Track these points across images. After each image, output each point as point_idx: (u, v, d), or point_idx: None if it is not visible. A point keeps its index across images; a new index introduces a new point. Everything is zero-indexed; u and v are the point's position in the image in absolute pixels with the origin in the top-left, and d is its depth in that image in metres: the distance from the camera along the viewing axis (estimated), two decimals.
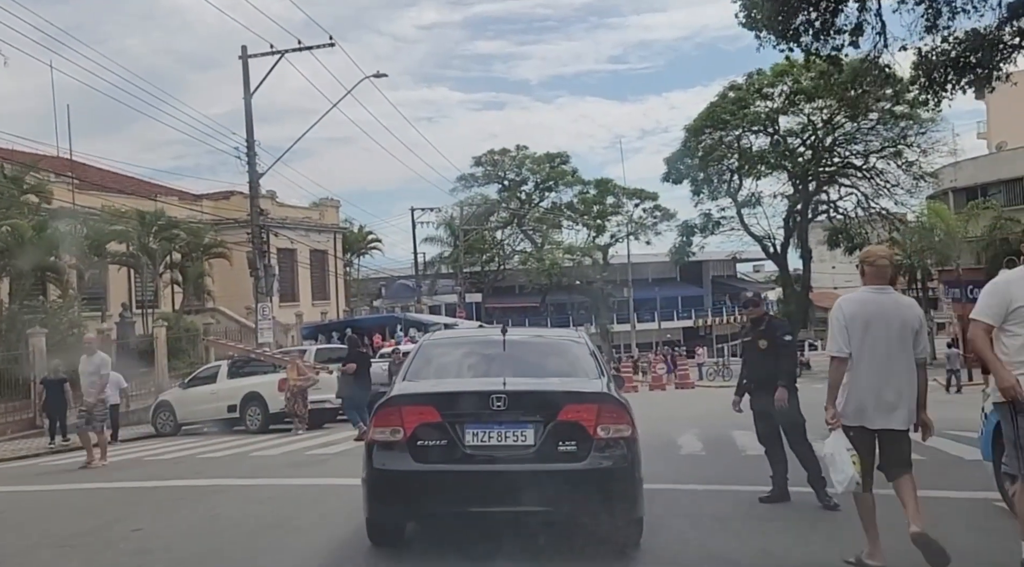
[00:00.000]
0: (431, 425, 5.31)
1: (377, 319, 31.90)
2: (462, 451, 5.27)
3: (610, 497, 5.34)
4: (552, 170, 52.33)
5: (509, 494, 5.19)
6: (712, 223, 47.35)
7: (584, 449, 5.24)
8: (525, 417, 5.28)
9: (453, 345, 7.16)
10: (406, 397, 5.67)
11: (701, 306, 70.48)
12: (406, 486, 5.41)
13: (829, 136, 45.03)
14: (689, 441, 12.97)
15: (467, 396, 5.48)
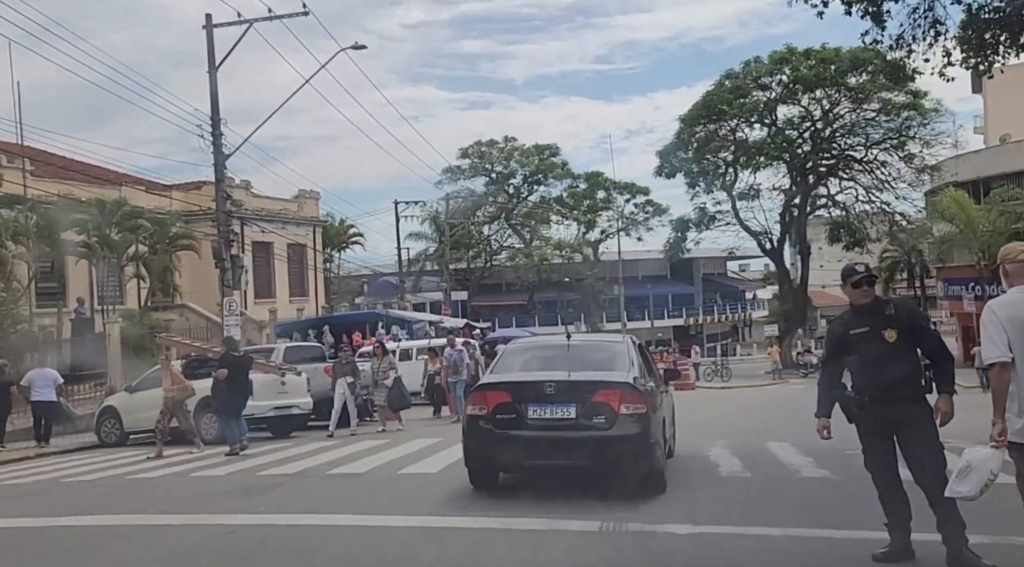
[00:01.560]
0: (505, 404, 7.64)
1: (357, 316, 29.58)
2: (525, 421, 7.55)
3: (630, 455, 7.48)
4: (541, 162, 50.02)
5: (558, 451, 7.55)
6: (707, 218, 45.21)
7: (610, 421, 7.41)
8: (568, 399, 7.51)
9: (529, 348, 9.48)
10: (489, 384, 8.12)
11: (692, 305, 68.41)
12: (489, 445, 7.77)
13: (828, 127, 42.99)
14: (723, 457, 10.74)
15: (529, 384, 7.79)
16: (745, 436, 13.37)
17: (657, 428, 7.88)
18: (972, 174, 46.20)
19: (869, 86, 40.71)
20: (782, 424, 15.98)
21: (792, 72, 41.38)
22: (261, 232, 33.43)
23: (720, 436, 13.23)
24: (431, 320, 32.40)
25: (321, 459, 11.48)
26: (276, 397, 15.51)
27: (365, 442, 13.66)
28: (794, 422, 16.82)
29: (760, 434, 13.77)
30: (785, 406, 22.33)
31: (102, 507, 8.18)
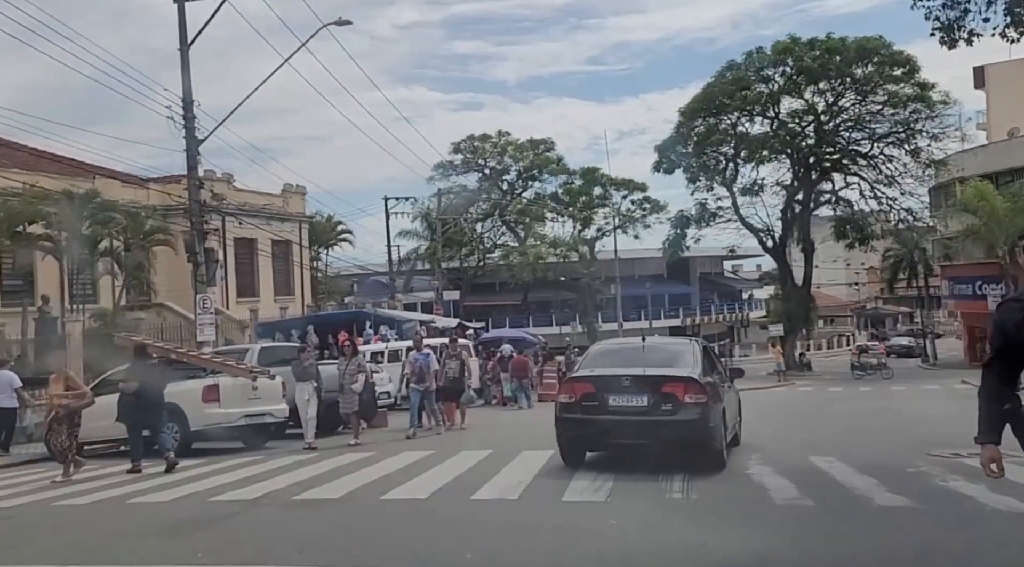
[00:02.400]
0: (590, 393, 9.39)
1: (344, 315, 27.79)
2: (606, 408, 9.24)
3: (693, 437, 9.03)
4: (536, 157, 48.21)
5: (633, 433, 9.16)
6: (708, 214, 43.54)
7: (676, 409, 8.99)
8: (641, 390, 9.16)
9: (611, 348, 11.24)
10: (577, 378, 9.96)
11: (689, 304, 66.80)
12: (576, 428, 9.52)
13: (833, 120, 41.39)
14: (767, 476, 9.02)
15: (609, 378, 9.45)
16: (780, 448, 11.65)
17: (717, 416, 9.27)
18: (979, 169, 44.67)
19: (875, 76, 39.13)
20: (813, 432, 14.32)
21: (795, 63, 39.78)
22: (239, 226, 31.55)
23: (751, 448, 11.49)
24: (422, 319, 30.60)
25: (290, 478, 9.69)
26: (247, 404, 13.68)
27: (345, 456, 11.88)
28: (823, 429, 15.14)
29: (796, 446, 12.06)
30: (803, 410, 20.67)
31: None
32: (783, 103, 41.11)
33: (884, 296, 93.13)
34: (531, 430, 15.66)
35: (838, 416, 17.16)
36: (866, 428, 14.95)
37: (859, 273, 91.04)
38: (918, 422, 16.04)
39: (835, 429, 14.71)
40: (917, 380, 33.78)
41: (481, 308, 53.99)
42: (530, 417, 19.65)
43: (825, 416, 17.15)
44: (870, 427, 15.08)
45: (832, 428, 14.83)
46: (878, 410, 18.79)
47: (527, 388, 24.24)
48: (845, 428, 14.93)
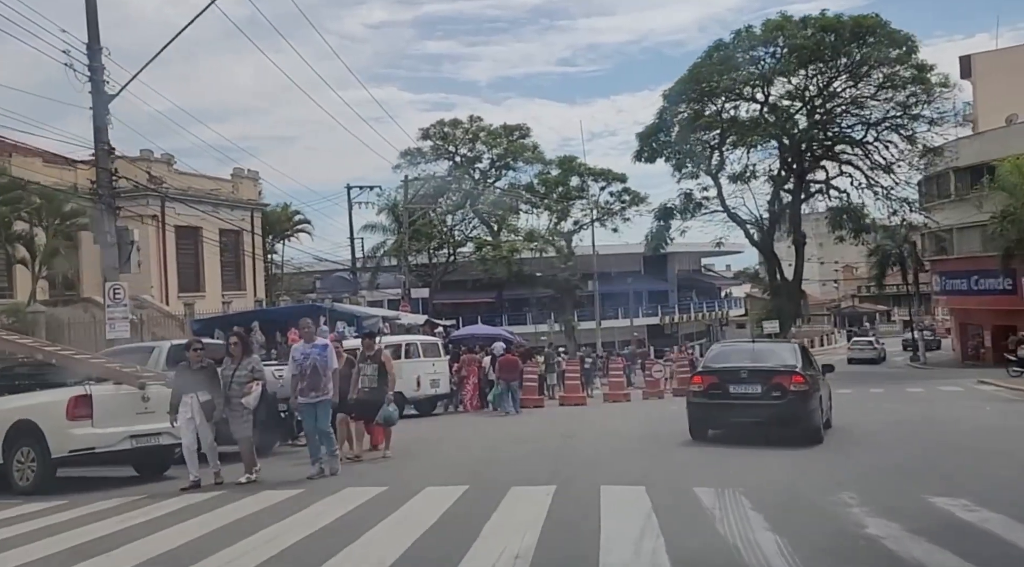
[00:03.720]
0: (714, 383, 11.59)
1: (295, 310, 24.10)
2: (728, 394, 11.38)
3: (797, 417, 11.07)
4: (510, 144, 44.67)
5: (749, 413, 11.30)
6: (693, 205, 40.42)
7: (784, 395, 11.05)
8: (755, 380, 11.25)
9: (729, 348, 13.91)
10: (703, 370, 12.26)
11: (667, 302, 63.73)
12: (704, 410, 11.71)
13: (826, 104, 38.45)
14: (881, 526, 5.66)
15: (730, 370, 11.67)
16: (875, 480, 8.30)
17: (815, 401, 11.40)
18: (975, 158, 42.04)
19: (871, 57, 36.21)
20: (895, 451, 10.91)
21: (787, 41, 36.77)
22: (177, 214, 27.76)
23: (834, 479, 8.15)
24: (386, 316, 26.94)
25: (147, 547, 6.11)
26: (133, 421, 10.03)
27: (243, 502, 8.28)
28: (906, 446, 11.24)
29: (894, 475, 8.69)
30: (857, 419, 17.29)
31: None
32: (775, 85, 38.08)
33: (861, 295, 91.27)
34: (518, 450, 12.15)
35: (910, 427, 13.79)
36: (957, 444, 11.64)
37: (837, 271, 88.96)
38: (995, 434, 12.81)
39: (922, 447, 11.39)
40: (922, 380, 30.74)
41: (452, 306, 50.33)
42: (517, 427, 16.18)
43: (896, 428, 13.82)
44: (959, 443, 11.75)
45: (916, 446, 11.51)
46: (935, 417, 15.53)
47: (515, 391, 20.83)
48: (937, 445, 11.60)
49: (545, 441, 13.02)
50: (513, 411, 20.40)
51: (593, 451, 11.55)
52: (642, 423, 16.17)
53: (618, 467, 9.74)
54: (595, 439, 13.33)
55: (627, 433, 14.00)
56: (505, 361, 21.02)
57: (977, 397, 21.09)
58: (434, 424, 18.30)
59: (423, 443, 13.47)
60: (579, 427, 15.54)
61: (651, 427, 14.94)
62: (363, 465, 10.73)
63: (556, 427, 15.67)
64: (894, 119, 37.87)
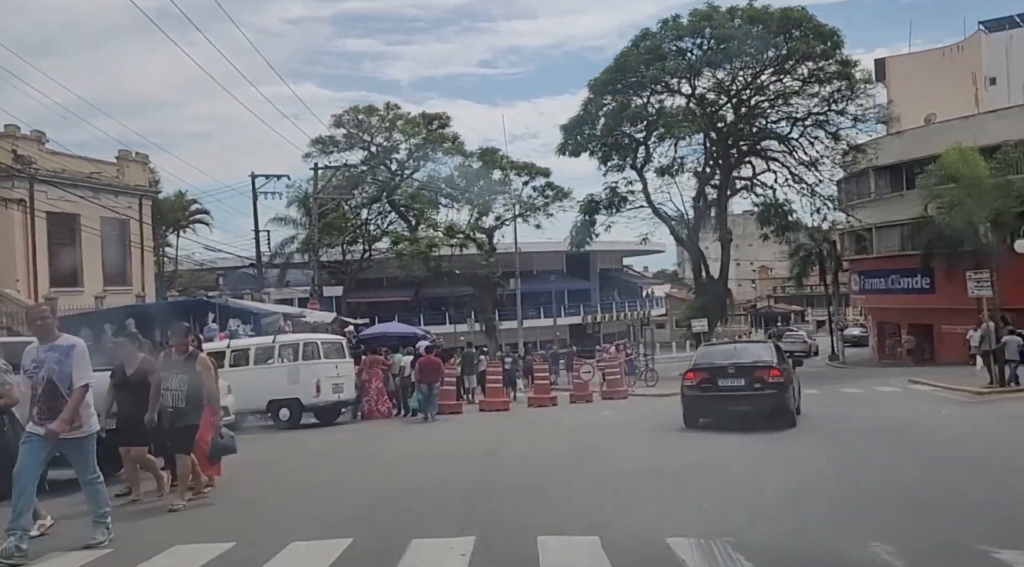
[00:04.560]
0: (705, 378, 13.28)
1: (178, 306, 21.13)
2: (717, 387, 13.04)
3: (776, 405, 12.80)
4: (430, 134, 41.94)
5: (735, 404, 12.87)
6: (619, 199, 38.69)
7: (765, 386, 12.78)
8: (740, 374, 12.98)
9: (715, 349, 15.43)
10: (695, 368, 13.65)
11: (589, 301, 62.24)
12: (697, 401, 13.34)
13: (754, 97, 37.32)
14: None
15: (718, 367, 13.31)
16: (897, 518, 6.21)
17: (790, 391, 13.33)
18: (894, 158, 41.78)
19: (798, 51, 35.17)
20: (894, 473, 8.90)
21: (715, 31, 35.41)
22: (49, 198, 24.29)
23: (846, 516, 6.04)
24: (287, 313, 24.14)
25: None
26: None
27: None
28: (907, 468, 8.99)
29: (914, 510, 6.63)
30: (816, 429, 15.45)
31: None
32: (702, 77, 36.69)
33: (777, 295, 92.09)
34: (428, 475, 9.71)
35: (889, 437, 11.86)
36: (956, 458, 9.74)
37: (755, 271, 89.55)
38: (983, 444, 11.08)
39: (921, 464, 9.36)
40: (851, 380, 29.65)
41: (368, 305, 47.46)
42: (430, 440, 13.77)
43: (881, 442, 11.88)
44: (957, 457, 9.85)
45: (914, 463, 9.50)
46: (905, 423, 13.80)
47: (435, 395, 18.51)
48: (934, 461, 9.60)
49: (462, 461, 10.64)
50: (431, 417, 18.08)
51: (523, 476, 9.16)
52: (577, 433, 13.98)
53: (559, 503, 7.42)
54: (524, 457, 10.99)
55: (562, 448, 11.76)
56: (425, 362, 18.68)
57: (922, 398, 19.77)
58: (330, 437, 15.71)
59: (302, 466, 10.90)
60: (504, 440, 13.25)
61: (589, 438, 12.77)
62: (198, 509, 7.69)
63: (476, 440, 13.35)
64: (819, 115, 37.01)
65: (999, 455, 9.92)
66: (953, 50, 53.17)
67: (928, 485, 7.79)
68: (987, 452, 10.16)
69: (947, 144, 40.53)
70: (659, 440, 12.56)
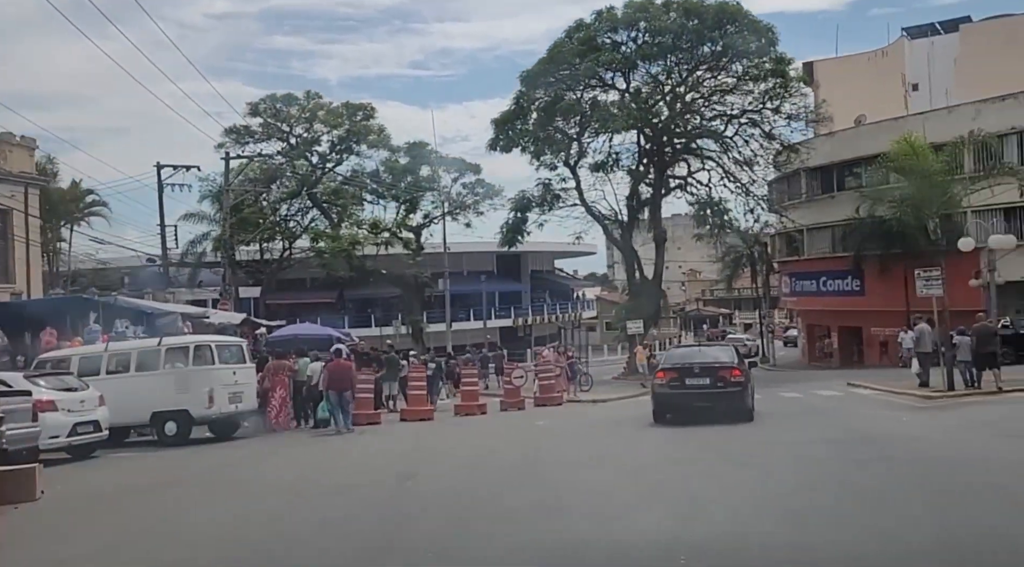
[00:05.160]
0: (673, 377, 14.22)
1: (56, 303, 18.38)
2: (685, 385, 13.99)
3: (736, 402, 13.77)
4: (354, 125, 39.40)
5: (701, 401, 13.77)
6: (552, 196, 37.00)
7: (727, 384, 13.81)
8: (705, 374, 13.98)
9: (681, 352, 17.44)
10: (664, 368, 14.85)
11: (520, 303, 60.48)
12: (666, 398, 14.22)
13: (689, 93, 36.15)
14: None
15: (686, 367, 14.31)
16: None
17: (749, 389, 14.28)
18: (825, 159, 41.29)
19: (733, 47, 34.12)
20: (903, 510, 7.10)
21: (650, 24, 34.09)
22: None
23: None
24: (188, 313, 21.49)
25: None
26: None
27: None
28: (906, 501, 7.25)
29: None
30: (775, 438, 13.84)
31: None
32: (637, 71, 35.35)
33: (706, 299, 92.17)
34: (322, 510, 7.53)
35: (859, 452, 10.24)
36: (958, 483, 8.06)
37: (685, 273, 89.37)
38: (966, 456, 9.55)
39: (922, 495, 7.56)
40: (787, 383, 28.53)
41: (289, 307, 44.63)
42: (334, 460, 11.60)
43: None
44: (961, 482, 8.19)
45: (915, 495, 7.70)
46: (867, 434, 12.29)
47: (347, 403, 16.32)
48: (932, 487, 7.85)
49: (370, 489, 8.54)
50: (345, 428, 15.88)
51: (449, 512, 7.10)
52: (511, 447, 12.02)
53: (498, 553, 5.42)
54: (449, 484, 8.87)
55: (495, 469, 9.76)
56: (335, 367, 16.44)
57: (869, 403, 18.52)
58: (219, 456, 13.33)
59: (166, 500, 8.59)
60: (423, 459, 11.18)
61: (524, 451, 10.83)
62: None
63: (391, 458, 11.24)
64: (753, 113, 36.07)
65: (987, 471, 8.38)
66: (878, 55, 53.46)
67: (959, 528, 6.02)
68: (991, 471, 8.58)
69: (877, 146, 40.78)
70: (604, 457, 10.71)
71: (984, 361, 18.29)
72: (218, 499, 8.78)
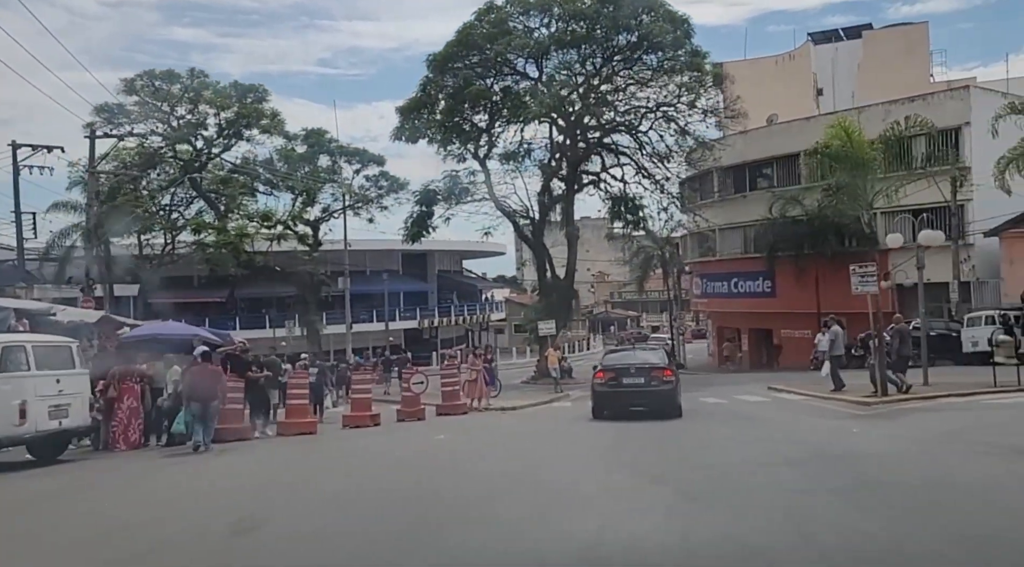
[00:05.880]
0: (611, 377, 15.48)
1: None
2: (622, 385, 15.25)
3: (668, 400, 15.08)
4: (244, 108, 35.71)
5: (636, 400, 15.13)
6: (460, 189, 34.49)
7: (662, 384, 15.21)
8: (640, 374, 15.33)
9: (618, 353, 18.23)
10: (603, 368, 16.02)
11: (426, 304, 57.65)
12: (605, 397, 15.48)
13: (604, 84, 34.31)
14: None
15: (622, 367, 15.63)
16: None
17: (679, 388, 15.64)
18: (737, 158, 40.32)
19: (653, 30, 32.45)
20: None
21: (564, 8, 32.05)
22: None
23: None
24: (24, 309, 17.85)
25: None
26: None
27: None
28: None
29: None
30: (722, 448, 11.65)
31: None
32: (550, 58, 33.23)
33: (614, 301, 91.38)
34: None
35: (823, 475, 8.21)
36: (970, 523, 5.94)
37: (594, 275, 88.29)
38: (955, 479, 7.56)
39: (930, 538, 5.41)
40: (701, 387, 26.77)
41: (174, 307, 40.44)
42: (186, 486, 8.73)
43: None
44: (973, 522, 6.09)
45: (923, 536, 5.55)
46: (820, 450, 10.31)
47: (211, 416, 13.35)
48: (939, 532, 5.68)
49: (184, 551, 5.78)
50: (204, 446, 12.93)
51: None
52: (401, 472, 9.38)
53: None
54: (303, 534, 6.17)
55: (372, 507, 7.09)
56: (198, 373, 13.49)
57: (802, 410, 16.80)
58: (19, 488, 10.18)
59: None
60: (282, 493, 8.42)
61: (417, 478, 8.25)
62: None
63: (237, 498, 8.43)
64: (668, 107, 34.54)
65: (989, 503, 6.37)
66: (786, 59, 53.35)
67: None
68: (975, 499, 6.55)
69: (789, 145, 40.18)
70: (520, 481, 8.23)
71: (904, 363, 17.60)
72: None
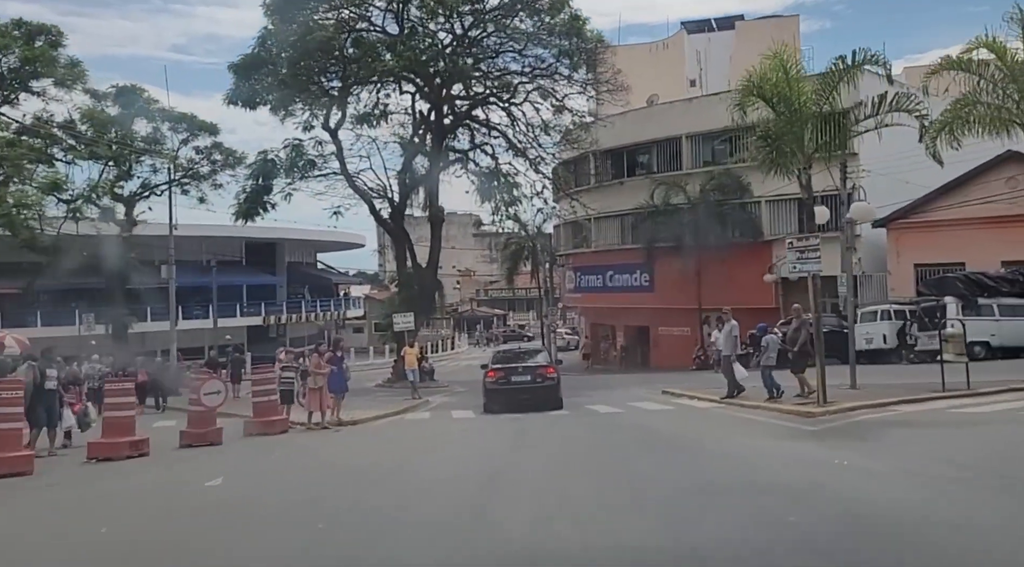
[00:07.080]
0: (501, 376, 17.47)
1: None
2: (511, 383, 17.29)
3: (552, 395, 17.11)
4: (30, 53, 28.12)
5: (523, 396, 16.92)
6: (305, 161, 28.86)
7: (546, 381, 17.36)
8: (527, 372, 17.56)
9: (506, 352, 20.00)
10: (492, 367, 17.94)
11: (274, 299, 51.02)
12: (495, 394, 17.29)
13: (471, 49, 29.68)
14: None
15: (511, 368, 17.80)
16: None
17: (560, 384, 17.59)
18: (614, 141, 36.92)
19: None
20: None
21: None
22: None
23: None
24: None
25: None
26: None
27: None
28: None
29: None
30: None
31: None
32: (411, 10, 28.24)
33: (480, 299, 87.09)
34: None
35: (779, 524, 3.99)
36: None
37: (460, 272, 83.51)
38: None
39: None
40: (581, 391, 22.51)
41: None
42: None
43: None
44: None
45: None
46: (766, 484, 6.11)
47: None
48: None
49: None
50: None
51: None
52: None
53: None
54: None
55: None
56: None
57: (726, 422, 12.85)
58: None
59: None
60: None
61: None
62: None
63: None
64: (545, 77, 30.35)
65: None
66: (660, 46, 50.97)
67: None
68: None
69: (669, 129, 37.16)
70: None
71: (804, 361, 14.57)
72: None
